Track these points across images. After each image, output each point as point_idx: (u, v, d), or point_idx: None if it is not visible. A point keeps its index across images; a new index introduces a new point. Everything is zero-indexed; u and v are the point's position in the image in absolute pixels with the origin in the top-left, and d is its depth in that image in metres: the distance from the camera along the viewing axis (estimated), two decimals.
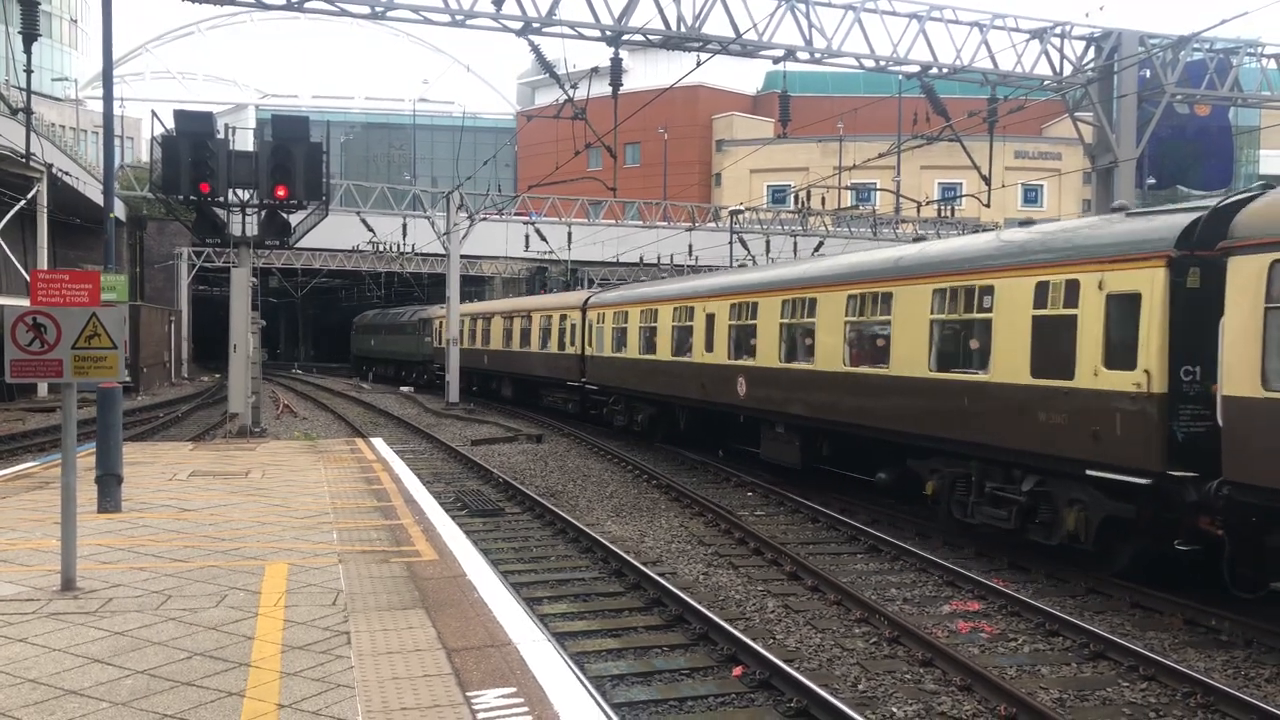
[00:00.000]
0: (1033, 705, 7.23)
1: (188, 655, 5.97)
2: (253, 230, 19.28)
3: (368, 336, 58.08)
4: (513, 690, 5.41)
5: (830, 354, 15.29)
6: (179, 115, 18.12)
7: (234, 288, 19.32)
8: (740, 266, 21.52)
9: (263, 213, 19.15)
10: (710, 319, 19.34)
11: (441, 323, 39.79)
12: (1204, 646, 9.04)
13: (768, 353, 17.14)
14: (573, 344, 27.37)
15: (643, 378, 22.62)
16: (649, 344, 22.32)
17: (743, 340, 18.18)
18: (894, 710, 7.48)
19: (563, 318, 28.39)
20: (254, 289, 20.08)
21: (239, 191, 18.82)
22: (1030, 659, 8.71)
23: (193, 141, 17.66)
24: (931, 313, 13.10)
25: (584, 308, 26.87)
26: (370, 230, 44.57)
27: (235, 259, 19.68)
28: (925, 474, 13.49)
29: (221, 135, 18.74)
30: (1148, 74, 24.19)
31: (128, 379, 18.64)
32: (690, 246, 45.28)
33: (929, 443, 13.07)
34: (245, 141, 19.69)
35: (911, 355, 13.38)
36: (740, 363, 18.07)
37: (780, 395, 16.82)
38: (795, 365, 16.34)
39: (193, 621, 6.64)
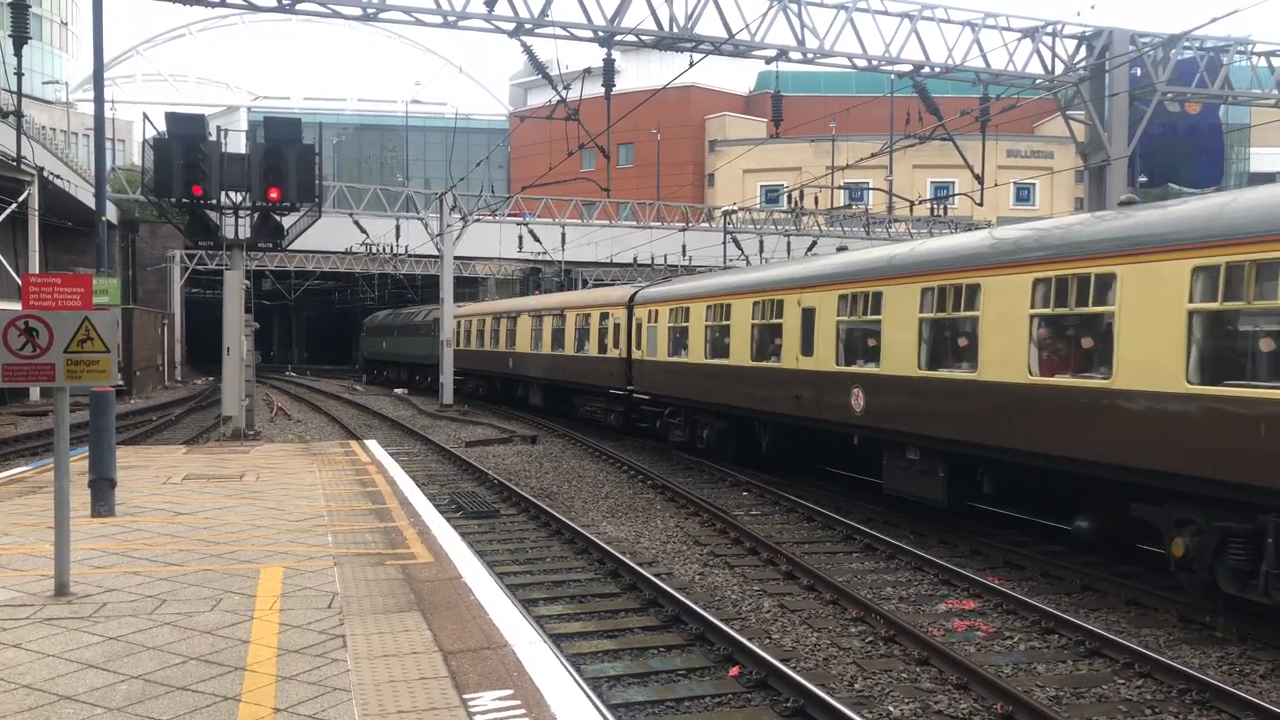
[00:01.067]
0: (1029, 703, 7.24)
1: (183, 660, 5.95)
2: (245, 233, 19.22)
3: (378, 339, 54.37)
4: (510, 692, 5.40)
5: (1004, 359, 11.48)
6: (170, 118, 18.06)
7: (227, 290, 19.27)
8: (840, 250, 17.32)
9: (255, 215, 19.10)
10: (809, 315, 15.74)
11: (459, 322, 38.18)
12: (1199, 643, 9.06)
13: (898, 356, 13.41)
14: (616, 346, 24.25)
15: (709, 386, 19.25)
16: (718, 346, 19.05)
17: (859, 341, 14.72)
18: (890, 709, 7.49)
19: (604, 316, 25.19)
20: (247, 291, 20.02)
21: (231, 194, 18.77)
22: (1026, 657, 8.72)
23: (184, 144, 17.61)
24: (1191, 301, 9.20)
25: (630, 305, 23.59)
26: (363, 232, 44.54)
27: (228, 261, 19.64)
28: (1166, 526, 9.80)
29: (214, 137, 18.69)
30: (1139, 72, 24.27)
31: (120, 382, 18.58)
32: (684, 247, 45.30)
33: (1180, 484, 9.39)
34: (237, 144, 19.67)
35: (1153, 360, 9.52)
36: (855, 369, 14.48)
37: (917, 411, 13.05)
38: (944, 373, 12.67)
39: (188, 626, 6.62)
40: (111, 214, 45.06)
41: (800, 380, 15.93)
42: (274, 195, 18.19)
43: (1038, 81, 23.64)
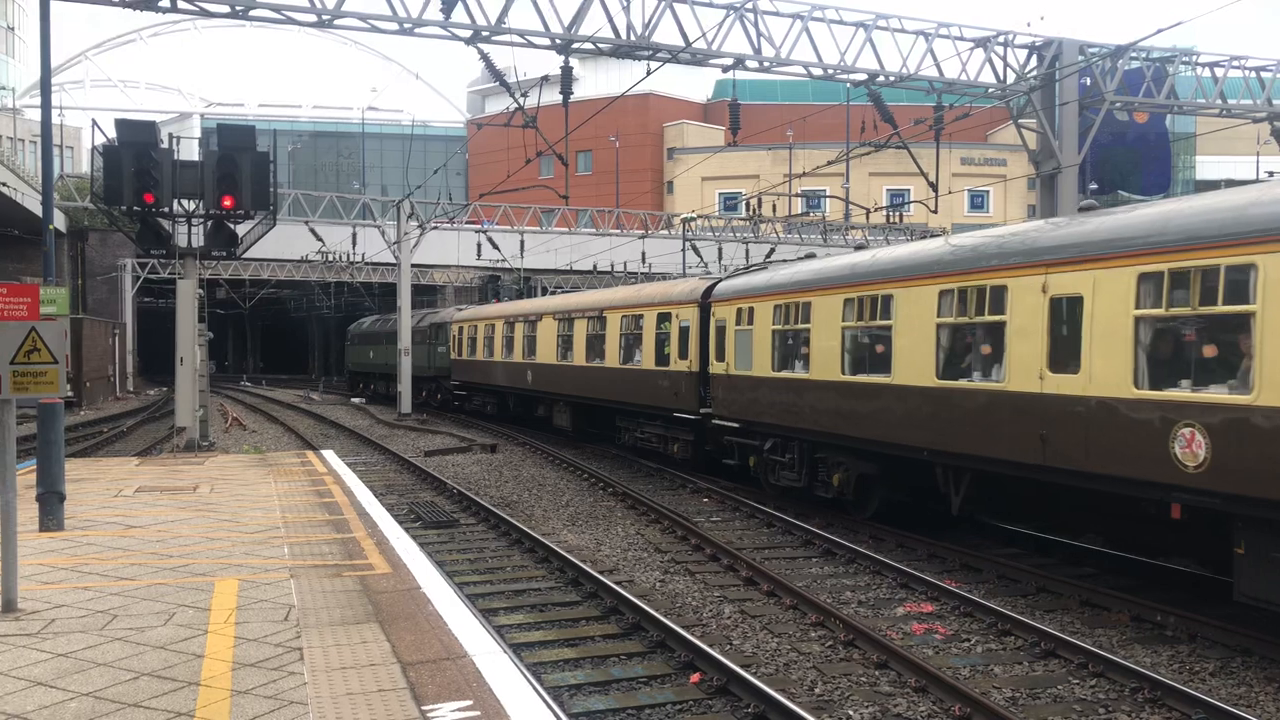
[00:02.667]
0: (986, 705, 7.32)
1: (135, 675, 5.84)
2: (199, 241, 18.96)
3: (365, 348, 48.07)
4: (469, 703, 5.36)
5: None
6: (120, 124, 17.77)
7: (180, 299, 18.98)
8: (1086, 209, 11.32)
9: (209, 223, 18.85)
10: (1069, 310, 10.23)
11: (462, 328, 33.88)
12: (1150, 642, 9.22)
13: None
14: (683, 357, 19.01)
15: (849, 413, 13.76)
16: (867, 356, 13.53)
17: (1171, 348, 9.31)
18: (850, 713, 7.53)
19: (663, 319, 20.03)
20: (201, 300, 19.73)
21: (184, 202, 18.51)
22: (983, 659, 8.82)
23: (135, 151, 17.34)
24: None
25: (703, 302, 18.60)
26: (319, 240, 44.04)
27: (181, 270, 19.34)
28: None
29: (165, 144, 18.42)
30: (1088, 82, 24.73)
31: (70, 394, 18.22)
32: (644, 254, 45.35)
33: None
34: (190, 151, 19.39)
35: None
36: (1184, 396, 8.94)
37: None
38: None
39: (140, 641, 6.50)
40: (59, 222, 44.22)
41: (1052, 410, 10.27)
42: (228, 203, 17.96)
43: (990, 90, 24.01)
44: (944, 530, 13.70)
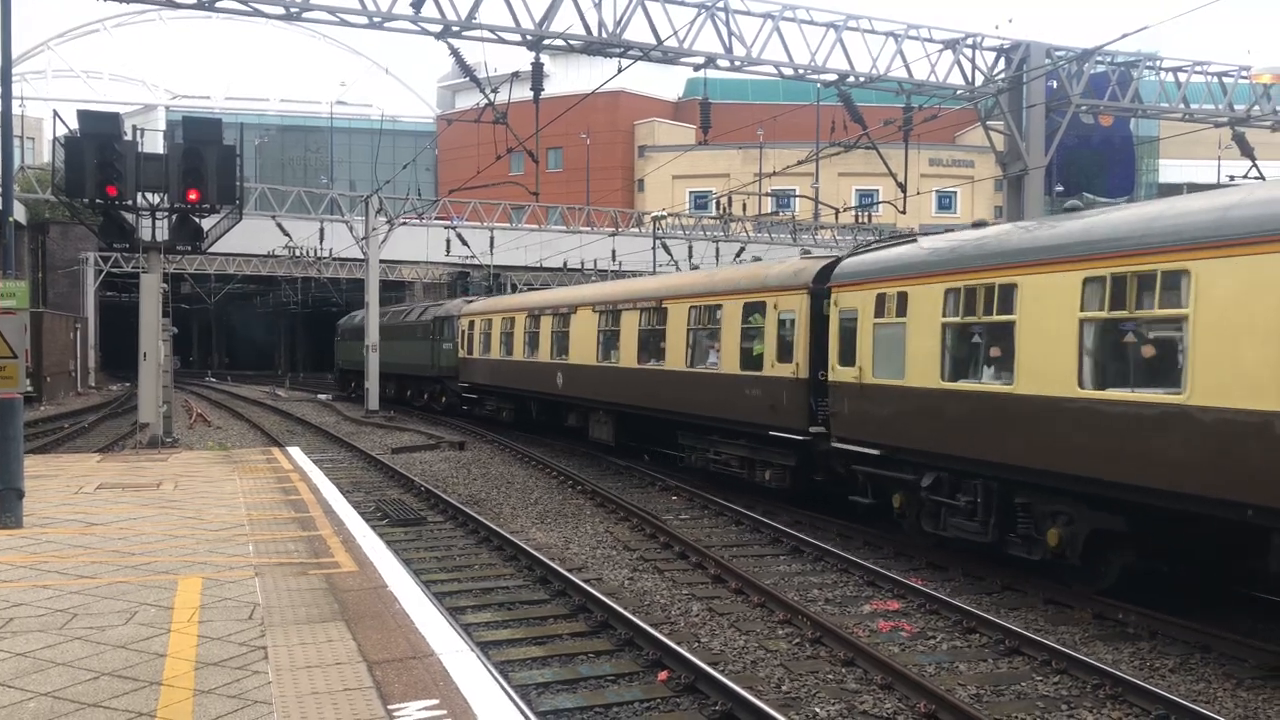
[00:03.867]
0: (951, 702, 7.38)
1: (95, 675, 5.75)
2: (163, 235, 18.70)
3: (357, 344, 42.40)
4: (436, 702, 5.33)
5: None
6: (83, 115, 17.48)
7: (143, 294, 18.72)
8: None
9: (173, 217, 18.59)
10: None
11: (473, 322, 29.81)
12: (1112, 639, 9.34)
13: None
14: (783, 359, 14.92)
15: (1081, 448, 9.76)
16: (1127, 363, 9.62)
17: None
18: (817, 710, 7.57)
19: (750, 310, 15.86)
20: (165, 295, 19.46)
21: (148, 195, 18.25)
22: (949, 656, 8.90)
23: (98, 143, 17.05)
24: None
25: (815, 288, 14.47)
26: (286, 235, 43.69)
27: (145, 264, 19.07)
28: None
29: (129, 136, 18.15)
30: (1055, 85, 24.99)
31: (29, 389, 17.92)
32: (614, 252, 45.33)
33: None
34: (155, 143, 19.13)
35: None
36: None
37: None
38: None
39: (100, 640, 6.40)
40: (20, 214, 43.46)
41: None
42: (193, 197, 17.71)
43: (958, 92, 24.20)
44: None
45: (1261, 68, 24.16)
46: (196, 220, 18.82)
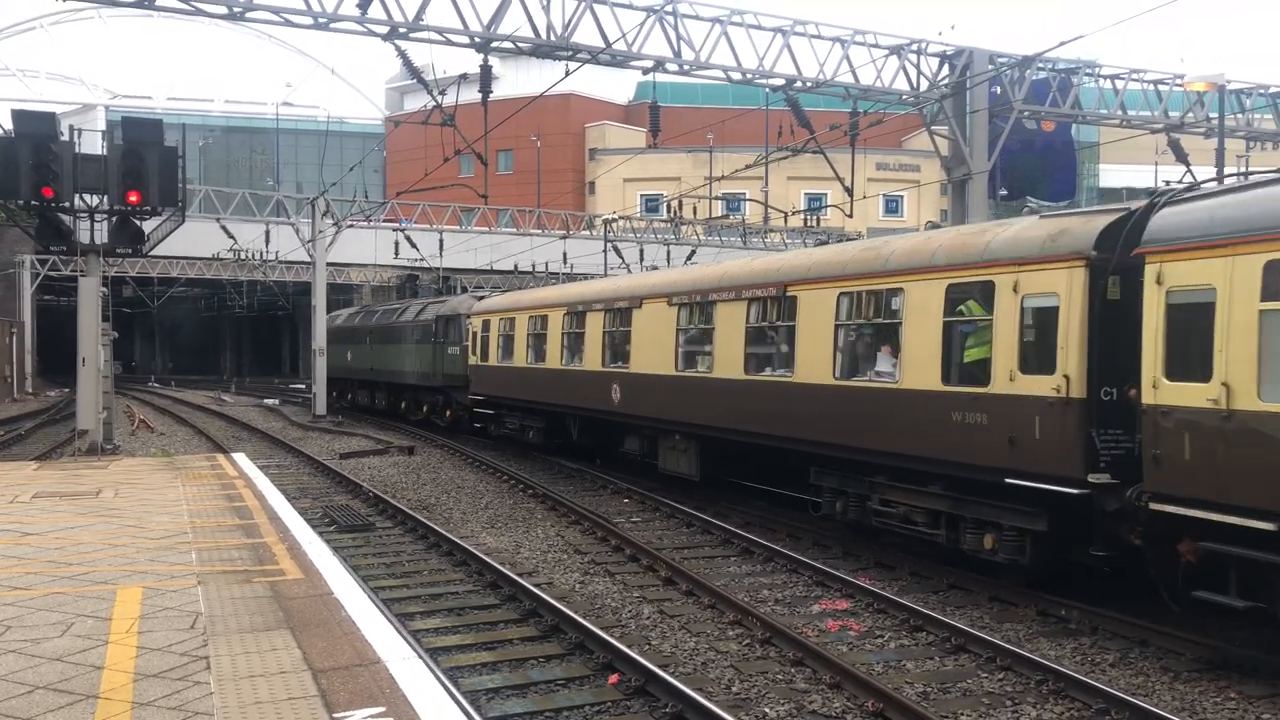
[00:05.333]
0: (898, 700, 7.46)
1: (29, 689, 5.60)
2: (102, 238, 18.31)
3: (343, 348, 37.78)
4: (382, 709, 5.27)
5: None
6: (17, 115, 17.07)
7: (82, 298, 18.31)
8: None
9: (113, 219, 18.22)
10: None
11: (488, 322, 24.51)
12: (1055, 636, 9.50)
13: None
14: (1037, 367, 9.94)
15: None
16: None
17: None
18: (767, 711, 7.61)
19: (959, 296, 11.04)
20: (105, 299, 19.05)
21: (86, 197, 17.86)
22: (896, 654, 9.00)
23: (33, 143, 16.67)
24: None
25: (1097, 258, 9.58)
26: (231, 237, 42.97)
27: (83, 267, 18.66)
28: None
29: (66, 136, 17.75)
30: (998, 91, 25.42)
31: None
32: (565, 254, 45.23)
33: None
34: (94, 144, 18.71)
35: None
36: None
37: None
38: None
39: (35, 653, 6.24)
40: None
41: None
42: (134, 199, 17.39)
43: (904, 97, 24.51)
44: None
45: (1194, 76, 24.78)
46: (137, 223, 18.47)
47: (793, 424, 13.39)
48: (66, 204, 17.52)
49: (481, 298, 27.13)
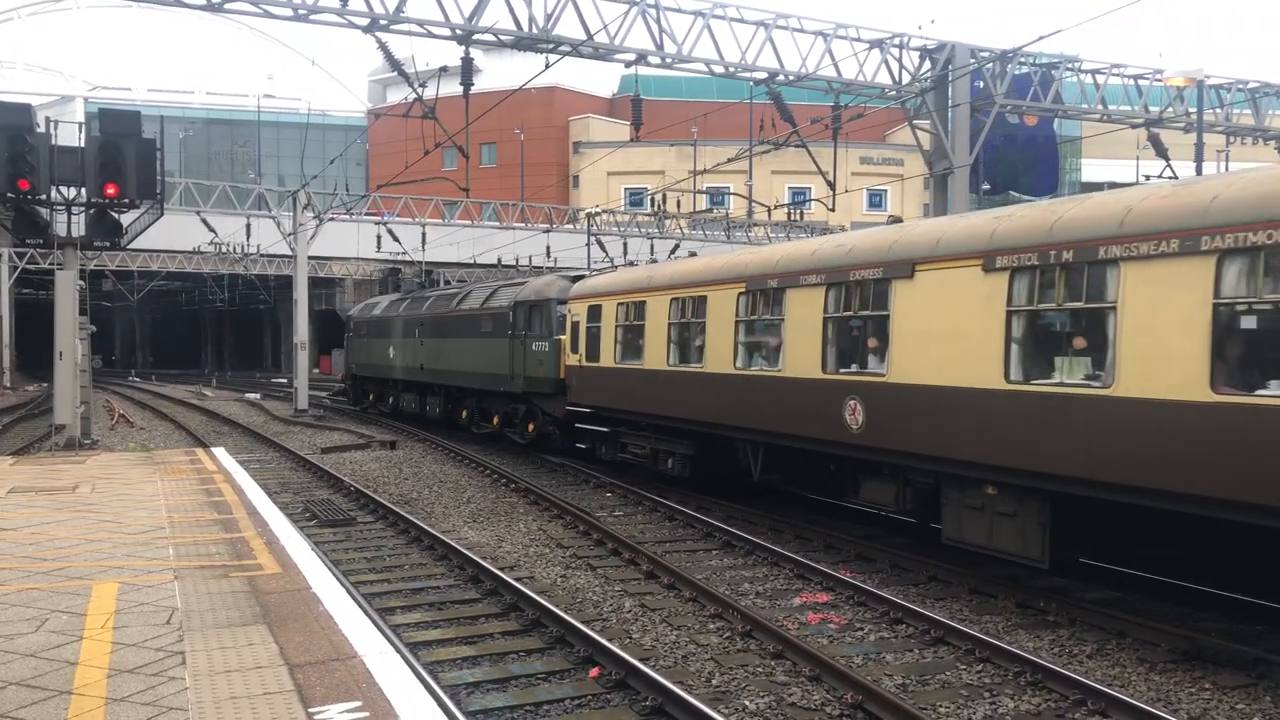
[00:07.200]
0: (878, 692, 7.49)
1: (1, 685, 5.55)
2: (79, 230, 18.15)
3: (383, 342, 31.67)
4: (358, 704, 5.25)
5: None
6: None
7: (59, 291, 18.14)
8: None
9: (91, 212, 18.05)
10: None
11: (597, 308, 18.61)
12: (1034, 628, 9.55)
13: None
14: None
15: None
16: None
17: None
18: (747, 703, 7.62)
19: None
20: (82, 292, 18.88)
21: (63, 189, 17.69)
22: (876, 647, 9.03)
23: (9, 135, 16.48)
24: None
25: None
26: (212, 231, 42.68)
27: (61, 261, 18.49)
28: None
29: (42, 128, 17.57)
30: (980, 85, 25.51)
31: None
32: (548, 248, 45.13)
33: None
34: (71, 135, 18.51)
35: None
36: None
37: None
38: None
39: (7, 649, 6.18)
40: None
41: None
42: (111, 191, 17.22)
43: (886, 91, 24.55)
44: None
45: (1174, 71, 24.93)
46: (115, 215, 18.31)
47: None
48: (43, 196, 17.34)
49: (578, 277, 21.40)
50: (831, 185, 22.24)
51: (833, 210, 24.11)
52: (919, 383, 10.80)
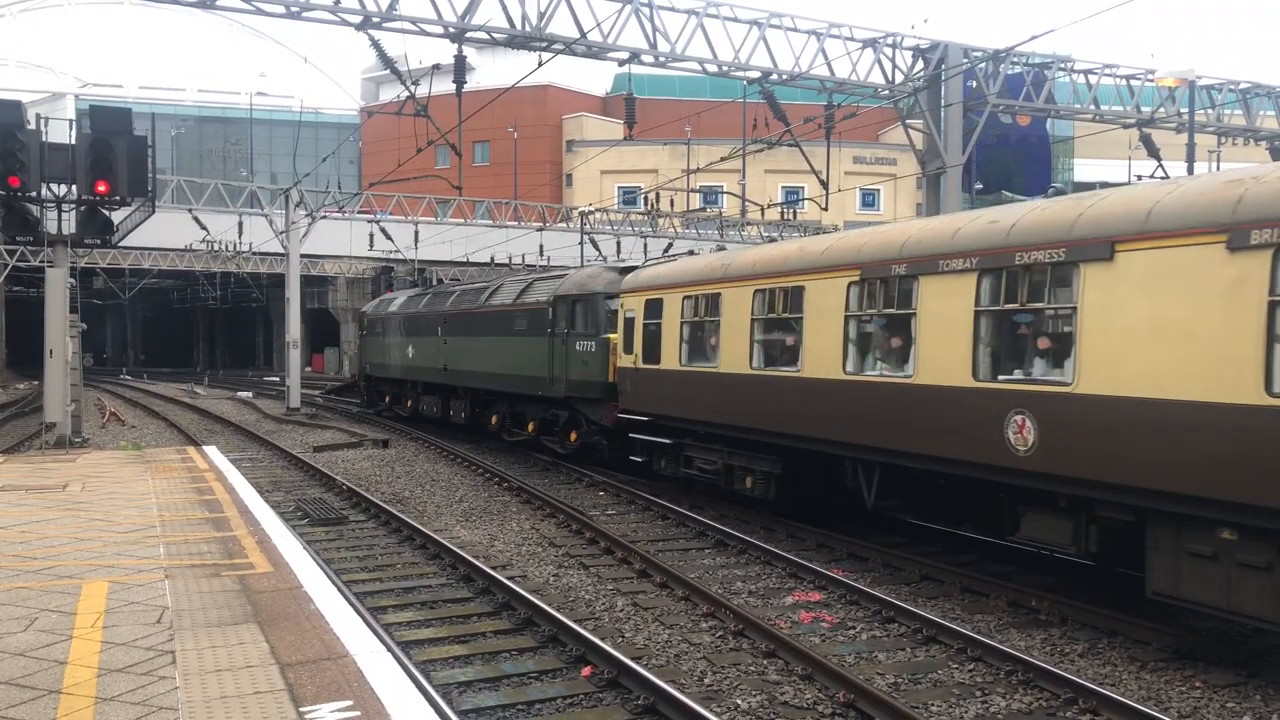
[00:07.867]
0: (869, 691, 7.49)
1: None
2: (70, 228, 18.08)
3: (402, 340, 29.37)
4: (349, 703, 5.23)
5: None
6: None
7: (50, 289, 18.07)
8: None
9: (81, 209, 17.99)
10: None
11: (657, 303, 16.13)
12: (1025, 626, 9.57)
13: None
14: None
15: None
16: None
17: None
18: (739, 702, 7.62)
19: None
20: (73, 290, 18.81)
21: (54, 186, 17.62)
22: (868, 646, 9.03)
23: None
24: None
25: None
26: (204, 228, 42.53)
27: (51, 258, 18.42)
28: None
29: (32, 125, 17.50)
30: (973, 85, 25.55)
31: None
32: (541, 247, 45.09)
33: None
34: (61, 133, 18.44)
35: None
36: None
37: None
38: None
39: None
40: None
41: None
42: (102, 188, 17.17)
43: (879, 90, 24.58)
44: None
45: (1165, 71, 25.00)
46: (106, 213, 18.25)
47: None
48: (33, 193, 17.27)
49: (630, 268, 18.84)
50: (825, 184, 22.26)
51: (825, 209, 24.12)
52: (1122, 394, 8.38)
